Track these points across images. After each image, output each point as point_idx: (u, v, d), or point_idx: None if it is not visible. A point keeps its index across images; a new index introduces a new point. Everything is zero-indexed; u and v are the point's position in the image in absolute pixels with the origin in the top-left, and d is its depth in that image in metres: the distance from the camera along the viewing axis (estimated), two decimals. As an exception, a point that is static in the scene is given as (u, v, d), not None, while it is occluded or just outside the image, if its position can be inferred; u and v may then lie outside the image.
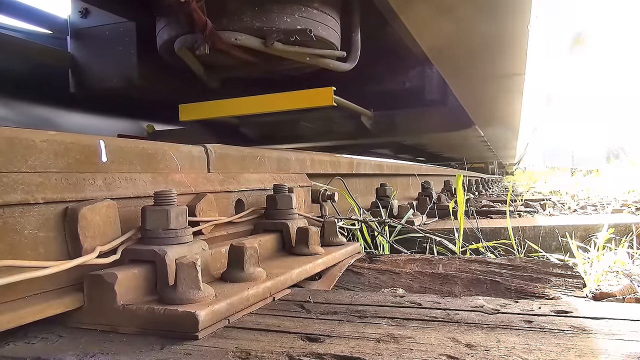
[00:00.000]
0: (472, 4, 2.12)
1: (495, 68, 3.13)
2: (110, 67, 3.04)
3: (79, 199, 0.91)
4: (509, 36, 2.55)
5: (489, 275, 1.26)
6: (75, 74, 3.14)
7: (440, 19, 2.16)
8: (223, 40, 2.42)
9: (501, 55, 2.87)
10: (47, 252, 0.86)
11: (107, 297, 0.83)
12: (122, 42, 3.00)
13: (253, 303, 0.93)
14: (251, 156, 1.61)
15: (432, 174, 5.36)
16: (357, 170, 2.74)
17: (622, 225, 1.90)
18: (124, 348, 0.75)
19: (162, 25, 2.67)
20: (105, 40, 3.05)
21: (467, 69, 3.10)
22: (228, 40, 2.42)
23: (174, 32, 2.60)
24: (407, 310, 0.90)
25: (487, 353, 0.68)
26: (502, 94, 3.90)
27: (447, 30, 2.34)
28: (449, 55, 2.82)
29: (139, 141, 1.13)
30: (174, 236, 0.95)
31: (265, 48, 2.47)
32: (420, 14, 2.11)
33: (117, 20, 3.01)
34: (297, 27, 2.44)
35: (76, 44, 3.14)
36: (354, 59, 2.86)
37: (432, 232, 1.94)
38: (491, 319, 0.82)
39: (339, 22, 2.73)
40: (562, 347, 0.69)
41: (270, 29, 2.43)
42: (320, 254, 1.32)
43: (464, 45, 2.66)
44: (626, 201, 3.94)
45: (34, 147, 0.87)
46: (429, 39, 2.48)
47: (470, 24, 2.31)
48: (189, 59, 2.70)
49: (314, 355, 0.69)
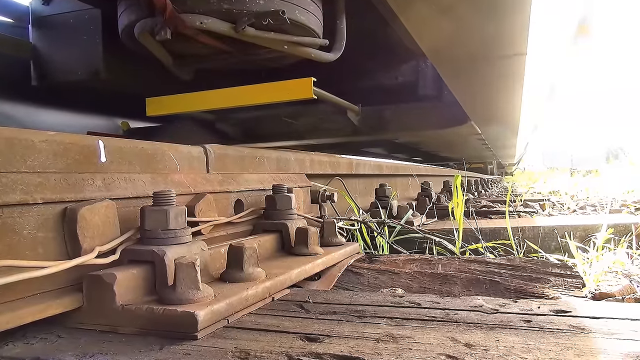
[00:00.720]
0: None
1: (493, 53, 2.94)
2: (74, 58, 2.77)
3: (78, 199, 0.91)
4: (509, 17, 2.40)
5: (489, 275, 1.26)
6: (38, 65, 2.87)
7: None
8: (186, 24, 2.16)
9: (501, 42, 2.72)
10: (46, 252, 0.86)
11: (106, 297, 0.83)
12: (87, 30, 2.73)
13: (252, 303, 0.93)
14: (250, 156, 1.61)
15: (432, 174, 5.36)
16: (357, 170, 2.74)
17: (621, 225, 1.90)
18: (123, 348, 0.75)
19: (123, 9, 2.41)
20: (69, 28, 2.77)
21: (463, 62, 2.96)
22: (192, 24, 2.16)
23: (133, 16, 2.33)
24: (407, 310, 0.90)
25: (486, 352, 0.68)
26: (501, 89, 3.75)
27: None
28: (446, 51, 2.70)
29: (138, 142, 1.13)
30: (173, 236, 0.95)
31: (235, 34, 2.21)
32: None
33: (82, 7, 2.75)
34: (270, 9, 2.18)
35: (38, 33, 2.87)
36: (338, 49, 2.58)
37: (431, 233, 1.94)
38: (490, 319, 0.82)
39: (320, 7, 2.47)
40: (561, 346, 0.69)
41: (240, 12, 2.17)
42: (319, 254, 1.32)
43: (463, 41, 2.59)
44: (625, 201, 3.95)
45: (33, 147, 0.87)
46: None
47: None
48: (152, 46, 2.42)
49: (313, 355, 0.69)
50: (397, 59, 3.64)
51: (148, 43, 2.39)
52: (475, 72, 3.10)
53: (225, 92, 2.80)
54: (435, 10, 2.07)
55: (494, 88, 3.63)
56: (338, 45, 2.58)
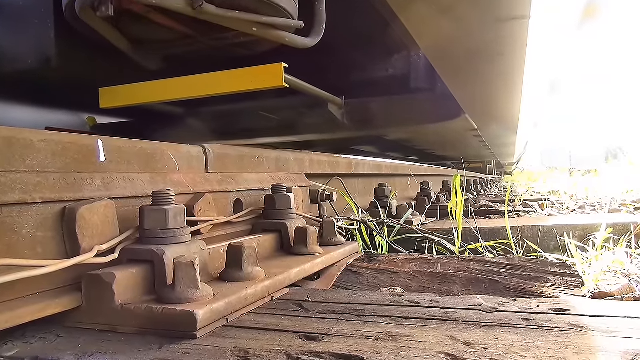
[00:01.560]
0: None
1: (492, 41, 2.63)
2: (24, 44, 2.45)
3: (77, 198, 0.91)
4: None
5: (488, 275, 1.26)
6: (-18, 53, 2.48)
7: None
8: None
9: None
10: (45, 251, 0.86)
11: (105, 296, 0.83)
12: (38, 14, 2.36)
13: (251, 302, 0.93)
14: (250, 156, 1.61)
15: (431, 174, 5.36)
16: (356, 170, 2.74)
17: (621, 224, 1.90)
18: (123, 347, 0.75)
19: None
20: (18, 11, 2.44)
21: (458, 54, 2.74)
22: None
23: None
24: (406, 309, 0.90)
25: (485, 351, 0.68)
26: (500, 86, 3.57)
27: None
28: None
29: (138, 141, 1.13)
30: (172, 236, 0.95)
31: (192, 12, 1.86)
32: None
33: None
34: None
35: (-19, 17, 2.46)
36: (317, 33, 2.22)
37: (430, 232, 1.94)
38: (489, 317, 0.82)
39: None
40: (560, 344, 0.69)
41: None
42: (318, 254, 1.32)
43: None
44: (625, 201, 3.95)
45: (32, 146, 0.87)
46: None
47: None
48: (99, 26, 2.07)
49: (312, 354, 0.69)
50: (388, 50, 3.29)
51: (93, 22, 2.02)
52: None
53: (186, 81, 2.41)
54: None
55: (494, 85, 3.52)
56: (317, 30, 2.21)
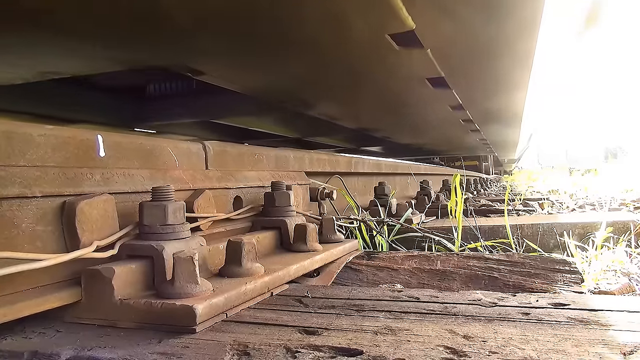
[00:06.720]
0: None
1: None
2: None
3: (76, 193, 0.91)
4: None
5: (487, 271, 1.26)
6: None
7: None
8: None
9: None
10: (44, 246, 0.86)
11: (104, 291, 0.83)
12: None
13: (251, 298, 0.93)
14: (249, 154, 1.61)
15: (431, 173, 5.37)
16: (356, 169, 2.74)
17: (620, 223, 1.89)
18: (122, 342, 0.75)
19: None
20: None
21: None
22: None
23: None
24: (405, 304, 0.90)
25: (484, 344, 0.68)
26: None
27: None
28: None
29: (137, 137, 1.13)
30: (172, 231, 0.95)
31: None
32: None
33: None
34: None
35: None
36: None
37: (430, 231, 1.94)
38: (489, 312, 0.82)
39: None
40: (559, 337, 0.69)
41: None
42: (318, 251, 1.32)
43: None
44: (624, 200, 3.94)
45: (31, 141, 0.87)
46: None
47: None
48: None
49: (311, 347, 0.69)
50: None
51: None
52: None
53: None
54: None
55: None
56: None
